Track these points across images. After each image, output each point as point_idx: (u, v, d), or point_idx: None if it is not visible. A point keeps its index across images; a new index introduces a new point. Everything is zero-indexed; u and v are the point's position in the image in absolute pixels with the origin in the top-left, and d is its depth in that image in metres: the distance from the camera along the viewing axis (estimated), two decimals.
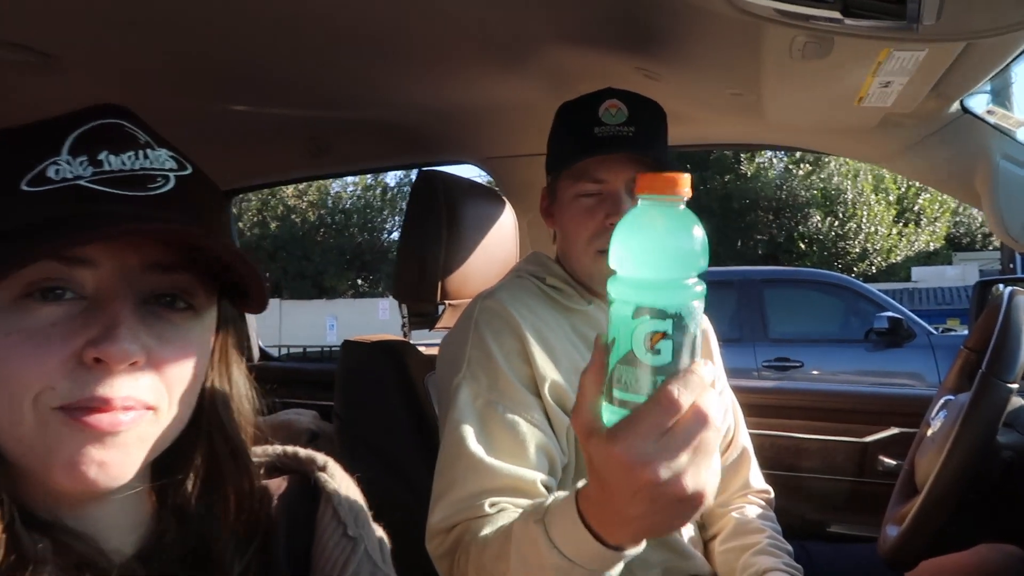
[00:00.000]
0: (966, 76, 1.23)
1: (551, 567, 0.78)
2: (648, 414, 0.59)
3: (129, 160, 0.59)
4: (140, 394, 0.56)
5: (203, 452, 0.66)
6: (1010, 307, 1.13)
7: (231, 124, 1.83)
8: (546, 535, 0.78)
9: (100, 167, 0.57)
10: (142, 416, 0.57)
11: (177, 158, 0.63)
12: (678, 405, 0.58)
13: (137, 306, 0.58)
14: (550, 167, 1.31)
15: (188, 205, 0.62)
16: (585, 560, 0.74)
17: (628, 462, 0.59)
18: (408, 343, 1.61)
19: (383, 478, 1.41)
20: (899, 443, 1.84)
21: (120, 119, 0.62)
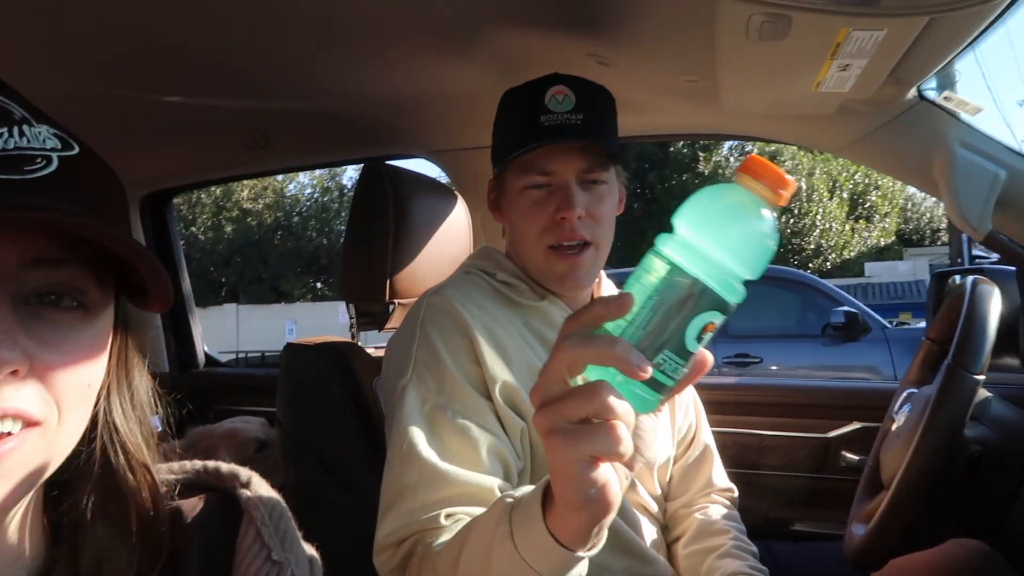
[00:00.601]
0: (924, 59, 1.20)
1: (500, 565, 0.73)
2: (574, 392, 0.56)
3: (0, 139, 0.51)
4: (24, 407, 0.49)
5: (99, 468, 0.58)
6: (974, 297, 1.10)
7: (164, 116, 1.74)
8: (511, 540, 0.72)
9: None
10: (26, 436, 0.50)
11: (62, 136, 0.55)
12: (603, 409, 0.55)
13: (15, 307, 0.50)
14: (496, 158, 1.25)
15: (75, 189, 0.53)
16: (541, 563, 0.70)
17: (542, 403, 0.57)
18: (355, 345, 1.53)
19: (328, 488, 1.33)
20: (862, 438, 1.82)
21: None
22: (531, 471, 1.11)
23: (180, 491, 0.67)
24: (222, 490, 0.69)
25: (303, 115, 1.78)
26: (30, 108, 0.55)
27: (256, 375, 2.59)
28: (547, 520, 0.68)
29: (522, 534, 0.71)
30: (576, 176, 1.16)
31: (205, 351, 2.66)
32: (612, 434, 0.55)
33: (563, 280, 1.19)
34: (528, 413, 1.09)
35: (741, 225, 0.57)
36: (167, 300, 0.58)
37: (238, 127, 1.86)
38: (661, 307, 0.57)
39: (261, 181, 23.70)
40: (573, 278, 1.18)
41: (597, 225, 1.18)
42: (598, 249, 1.19)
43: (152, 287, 0.56)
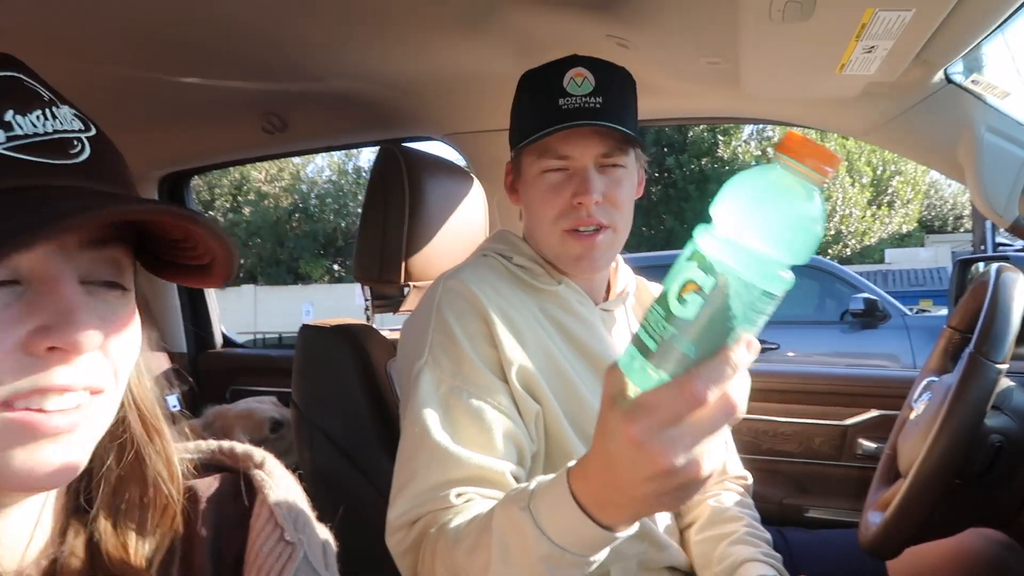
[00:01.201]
0: (952, 41, 1.17)
1: (539, 558, 0.73)
2: (669, 403, 0.56)
3: (39, 122, 0.52)
4: (96, 380, 0.53)
5: (122, 440, 0.61)
6: (998, 285, 1.08)
7: (182, 98, 1.74)
8: (534, 523, 0.74)
9: (11, 130, 0.50)
10: (95, 405, 0.53)
11: (80, 116, 0.56)
12: (701, 400, 0.55)
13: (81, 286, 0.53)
14: (513, 141, 1.24)
15: (110, 170, 0.56)
16: (577, 546, 0.71)
17: (644, 445, 0.57)
18: (370, 327, 1.53)
19: (342, 469, 1.34)
20: (879, 426, 1.80)
21: (16, 71, 0.54)
22: (545, 455, 1.11)
23: (195, 471, 0.67)
24: (237, 470, 0.69)
25: (320, 97, 1.78)
26: (50, 88, 0.55)
27: (272, 356, 2.61)
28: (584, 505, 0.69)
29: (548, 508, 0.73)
30: (594, 160, 1.15)
31: (223, 331, 2.69)
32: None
33: (579, 262, 1.18)
34: (543, 397, 1.09)
35: (784, 211, 0.54)
36: (231, 270, 0.59)
37: (255, 109, 1.86)
38: (713, 313, 0.55)
39: (277, 164, 23.80)
40: (589, 259, 1.18)
41: (615, 209, 1.17)
42: (615, 232, 1.18)
43: (220, 262, 0.58)
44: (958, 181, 1.52)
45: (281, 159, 22.92)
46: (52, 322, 0.49)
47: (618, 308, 1.29)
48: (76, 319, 0.50)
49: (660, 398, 0.57)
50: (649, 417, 0.57)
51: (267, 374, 2.45)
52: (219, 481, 0.68)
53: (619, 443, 0.59)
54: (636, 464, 0.59)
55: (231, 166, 3.00)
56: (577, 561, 0.73)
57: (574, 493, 0.70)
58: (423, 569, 0.94)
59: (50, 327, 0.49)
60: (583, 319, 1.19)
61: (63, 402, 0.51)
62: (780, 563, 1.14)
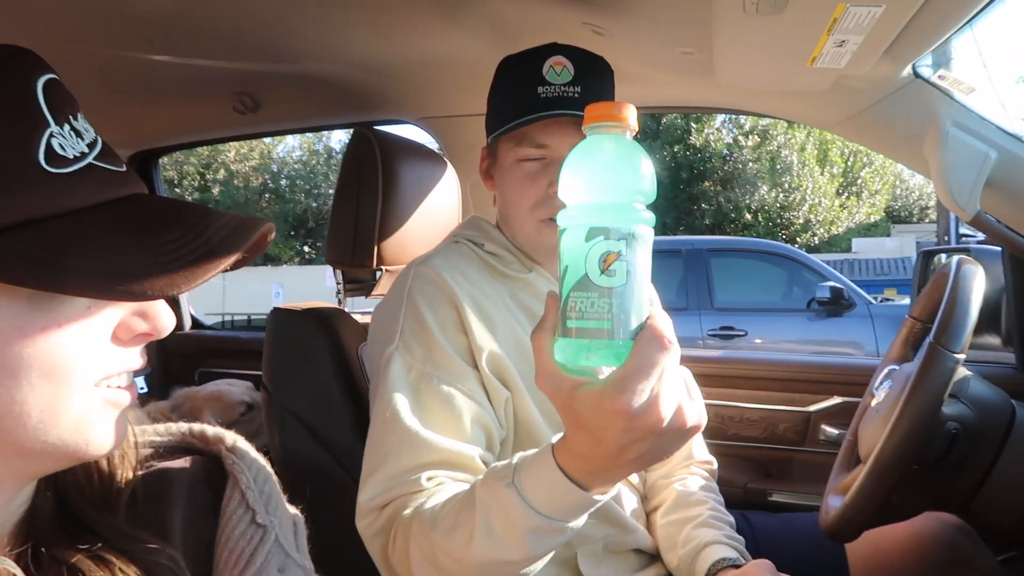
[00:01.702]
0: (921, 37, 1.19)
1: (527, 531, 0.77)
2: (647, 357, 0.60)
3: (87, 123, 0.54)
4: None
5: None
6: (958, 277, 1.11)
7: (152, 76, 1.71)
8: (520, 498, 0.76)
9: (83, 137, 0.52)
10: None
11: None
12: (669, 340, 0.60)
13: None
14: (490, 127, 1.24)
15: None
16: (563, 513, 0.75)
17: (634, 410, 0.60)
18: (341, 311, 1.52)
19: (313, 451, 1.34)
20: (842, 413, 1.84)
21: (48, 71, 0.54)
22: (513, 440, 1.12)
23: (165, 453, 0.67)
24: (207, 453, 0.69)
25: (293, 78, 1.76)
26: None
27: (242, 338, 2.58)
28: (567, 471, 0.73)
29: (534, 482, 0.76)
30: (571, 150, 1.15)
31: (191, 313, 2.66)
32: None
33: (553, 251, 1.19)
34: (513, 383, 1.10)
35: (599, 159, 0.63)
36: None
37: (227, 89, 1.83)
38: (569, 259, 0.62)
39: (248, 143, 23.44)
40: None
41: None
42: None
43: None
44: (923, 174, 1.55)
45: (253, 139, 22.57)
46: (144, 311, 0.54)
47: None
48: (162, 308, 0.55)
49: (644, 358, 0.60)
50: (639, 381, 0.60)
51: (236, 356, 2.43)
52: (190, 464, 0.67)
53: (605, 418, 0.62)
54: (628, 431, 0.62)
55: (201, 145, 2.95)
56: (562, 528, 0.77)
57: (561, 467, 0.73)
58: (393, 551, 0.95)
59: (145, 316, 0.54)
60: None
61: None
62: (742, 545, 1.17)
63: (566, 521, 0.76)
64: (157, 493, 0.63)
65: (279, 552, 0.65)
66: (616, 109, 0.62)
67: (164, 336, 0.56)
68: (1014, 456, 1.08)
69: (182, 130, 2.27)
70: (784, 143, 19.34)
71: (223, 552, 0.63)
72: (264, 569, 0.62)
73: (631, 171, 0.62)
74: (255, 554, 0.63)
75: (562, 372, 0.64)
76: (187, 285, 0.51)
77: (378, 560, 0.99)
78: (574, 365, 0.64)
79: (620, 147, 0.63)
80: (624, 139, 0.64)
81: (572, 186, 0.63)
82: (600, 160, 0.63)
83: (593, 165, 0.63)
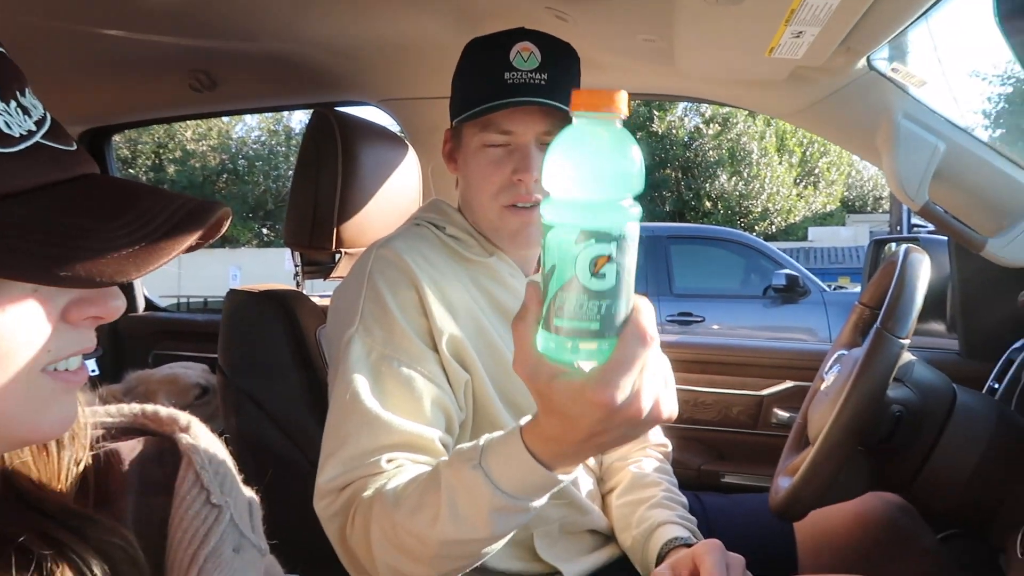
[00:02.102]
0: (876, 29, 1.22)
1: (492, 511, 0.78)
2: (631, 353, 0.61)
3: (35, 99, 0.51)
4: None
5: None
6: (905, 264, 1.14)
7: (104, 52, 1.66)
8: (487, 478, 0.78)
9: (30, 115, 0.50)
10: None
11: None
12: (651, 336, 0.61)
13: None
14: (455, 110, 1.23)
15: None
16: (527, 492, 0.77)
17: (616, 402, 0.61)
18: (300, 293, 1.51)
19: (269, 434, 1.33)
20: (794, 396, 1.89)
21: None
22: (472, 423, 1.13)
23: (117, 435, 0.66)
24: (160, 434, 0.68)
25: (250, 57, 1.72)
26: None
27: (198, 320, 2.54)
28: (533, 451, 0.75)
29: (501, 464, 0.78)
30: (536, 137, 1.15)
31: (144, 294, 2.60)
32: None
33: (515, 236, 1.19)
34: (473, 366, 1.11)
35: (589, 154, 0.59)
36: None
37: (183, 66, 1.79)
38: (556, 259, 0.60)
39: (205, 122, 22.94)
40: (525, 235, 1.19)
41: None
42: None
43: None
44: (875, 165, 1.59)
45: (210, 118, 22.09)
46: (94, 295, 0.52)
47: None
48: (114, 292, 0.53)
49: (628, 354, 0.61)
50: (623, 376, 0.61)
51: (192, 339, 2.40)
52: (142, 445, 0.67)
53: (585, 408, 0.63)
54: (605, 420, 0.64)
55: (156, 123, 2.88)
56: (526, 507, 0.78)
57: (530, 449, 0.75)
58: (352, 532, 0.95)
59: (91, 299, 0.52)
60: (514, 291, 1.21)
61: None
62: (695, 525, 1.20)
63: (530, 500, 0.78)
64: (108, 473, 0.62)
65: (234, 532, 0.64)
66: (608, 98, 0.59)
67: (115, 318, 0.55)
68: (954, 438, 1.12)
69: (136, 107, 2.21)
70: (744, 131, 19.58)
71: (177, 532, 0.62)
72: (218, 549, 0.62)
73: (624, 168, 0.59)
74: (209, 534, 0.62)
75: (543, 360, 0.64)
76: (137, 272, 0.50)
77: (335, 541, 0.99)
78: (556, 358, 0.63)
79: (612, 140, 0.59)
80: (617, 130, 0.60)
81: (560, 179, 0.60)
82: (592, 154, 0.59)
83: (584, 159, 0.59)
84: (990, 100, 21.30)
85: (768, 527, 1.33)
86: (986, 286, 1.70)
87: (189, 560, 0.60)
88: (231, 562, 0.62)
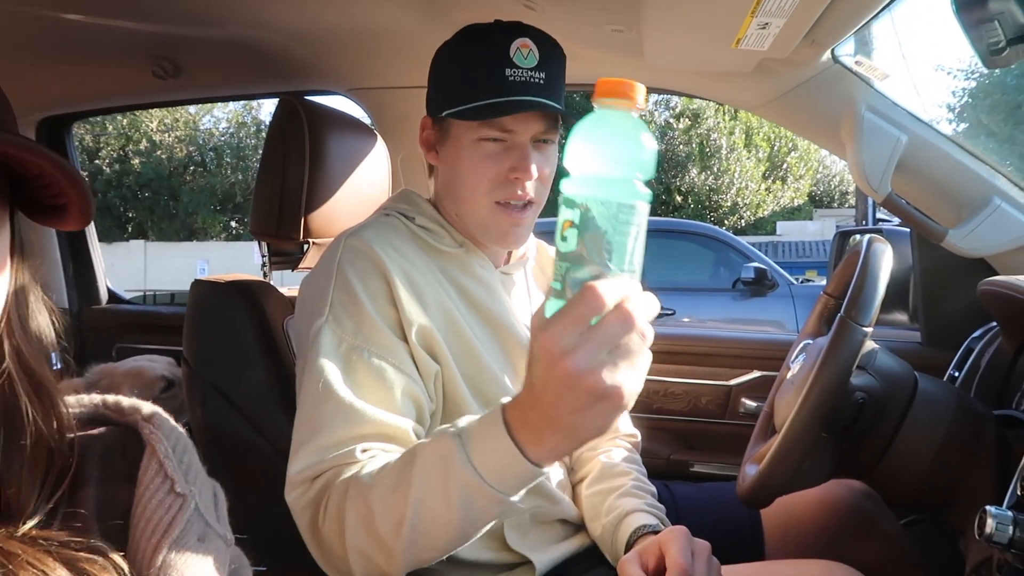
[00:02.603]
0: (840, 22, 1.24)
1: (458, 484, 0.78)
2: (574, 306, 0.62)
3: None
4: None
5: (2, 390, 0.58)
6: (868, 254, 1.16)
7: (62, 36, 1.62)
8: (462, 448, 0.78)
9: None
10: None
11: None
12: (602, 301, 0.61)
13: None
14: (447, 102, 1.18)
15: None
16: (496, 477, 0.76)
17: (551, 350, 0.63)
18: (267, 283, 1.49)
19: (236, 426, 1.32)
20: (761, 386, 1.91)
21: None
22: (442, 413, 1.12)
23: (79, 425, 0.65)
24: (123, 424, 0.67)
25: (216, 44, 1.70)
26: None
27: (163, 313, 2.50)
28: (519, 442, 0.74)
29: (484, 454, 0.77)
30: (532, 136, 1.15)
31: (108, 286, 2.55)
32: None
33: (504, 236, 1.19)
34: (443, 357, 1.10)
35: (607, 135, 0.64)
36: (88, 214, 0.58)
37: (145, 52, 1.75)
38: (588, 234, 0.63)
39: (171, 113, 22.55)
40: (514, 235, 1.19)
41: (543, 185, 1.18)
42: (538, 208, 1.20)
43: (73, 200, 0.55)
44: (840, 156, 1.61)
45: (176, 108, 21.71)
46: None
47: (518, 272, 1.31)
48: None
49: (568, 306, 0.63)
50: (557, 321, 0.63)
51: (157, 331, 2.36)
52: (105, 435, 0.66)
53: (536, 356, 0.66)
54: (547, 373, 0.65)
55: (118, 112, 2.82)
56: (494, 495, 0.77)
57: (507, 421, 0.75)
58: (325, 520, 0.94)
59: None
60: (483, 282, 1.21)
61: None
62: (663, 513, 1.21)
63: (496, 488, 0.77)
64: (68, 462, 0.61)
65: (199, 521, 0.63)
66: (629, 88, 0.64)
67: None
68: (915, 424, 1.14)
69: (96, 95, 2.16)
70: (714, 126, 19.75)
71: (140, 521, 0.61)
72: (183, 538, 0.61)
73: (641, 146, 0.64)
74: (174, 523, 0.62)
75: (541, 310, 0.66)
76: None
77: (306, 532, 0.98)
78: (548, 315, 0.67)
79: (634, 124, 0.65)
80: (626, 114, 0.65)
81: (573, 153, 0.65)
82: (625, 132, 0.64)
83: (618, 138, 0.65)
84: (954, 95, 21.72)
85: (736, 514, 1.35)
86: (947, 277, 1.73)
87: (153, 549, 0.59)
88: (196, 551, 0.61)
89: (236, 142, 23.96)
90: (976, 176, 1.51)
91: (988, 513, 0.90)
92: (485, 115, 1.12)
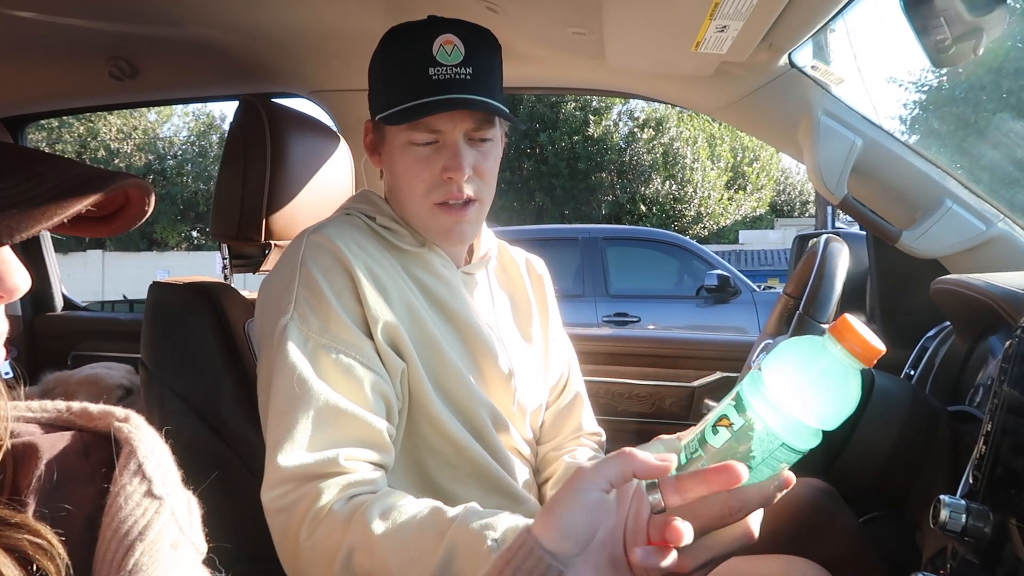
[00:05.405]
0: (796, 26, 1.26)
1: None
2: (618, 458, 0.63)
3: None
4: None
5: None
6: (825, 253, 1.18)
7: (14, 35, 1.59)
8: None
9: None
10: None
11: None
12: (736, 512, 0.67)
13: None
14: (377, 106, 1.19)
15: None
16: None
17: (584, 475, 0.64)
18: (227, 286, 1.47)
19: (196, 431, 1.29)
20: (724, 386, 1.93)
21: None
22: (408, 412, 1.12)
23: (42, 430, 0.63)
24: (89, 430, 0.65)
25: (173, 44, 1.67)
26: None
27: (120, 319, 2.45)
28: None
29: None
30: (464, 134, 1.14)
31: (63, 293, 2.49)
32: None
33: (448, 235, 1.19)
34: (408, 354, 1.10)
35: (829, 390, 0.62)
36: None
37: (101, 52, 1.72)
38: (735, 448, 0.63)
39: (130, 120, 22.15)
40: (458, 232, 1.18)
41: (482, 182, 1.17)
42: (482, 204, 1.19)
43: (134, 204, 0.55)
44: (797, 160, 1.65)
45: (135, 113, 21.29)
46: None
47: (479, 272, 1.31)
48: (12, 266, 0.50)
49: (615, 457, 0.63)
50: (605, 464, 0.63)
51: (114, 338, 2.31)
52: (66, 439, 0.63)
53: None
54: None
55: (74, 113, 2.77)
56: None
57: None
58: (308, 538, 0.93)
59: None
60: (446, 281, 1.20)
61: None
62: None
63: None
64: (22, 467, 0.59)
65: (173, 527, 0.61)
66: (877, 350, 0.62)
67: (16, 297, 0.50)
68: (871, 422, 1.16)
69: (51, 96, 2.11)
70: (677, 136, 20.00)
71: (112, 523, 0.58)
72: (156, 543, 0.58)
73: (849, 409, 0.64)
74: (148, 526, 0.59)
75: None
76: (10, 236, 0.45)
77: (279, 535, 0.96)
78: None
79: (857, 385, 0.63)
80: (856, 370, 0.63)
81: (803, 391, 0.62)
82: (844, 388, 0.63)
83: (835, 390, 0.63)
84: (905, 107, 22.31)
85: None
86: (902, 278, 1.77)
87: (124, 553, 0.57)
88: (168, 558, 0.59)
89: (198, 150, 23.64)
90: (929, 179, 1.55)
91: (942, 502, 0.91)
92: (410, 117, 1.11)
